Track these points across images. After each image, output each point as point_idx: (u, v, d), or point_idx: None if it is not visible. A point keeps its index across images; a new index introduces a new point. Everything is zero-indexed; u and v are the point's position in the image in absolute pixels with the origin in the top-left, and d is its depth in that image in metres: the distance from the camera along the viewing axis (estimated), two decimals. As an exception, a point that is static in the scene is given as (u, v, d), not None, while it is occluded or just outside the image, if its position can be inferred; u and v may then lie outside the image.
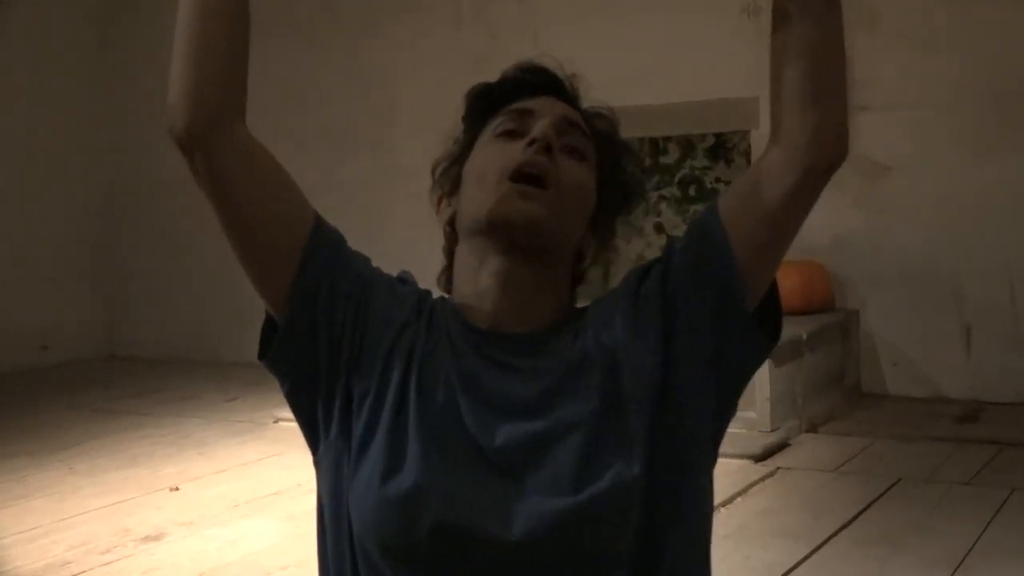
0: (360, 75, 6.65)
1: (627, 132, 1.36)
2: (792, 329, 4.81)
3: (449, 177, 1.30)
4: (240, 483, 4.16)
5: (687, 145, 6.23)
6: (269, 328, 1.21)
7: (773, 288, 1.18)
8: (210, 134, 1.14)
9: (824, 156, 1.14)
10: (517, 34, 6.13)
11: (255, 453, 4.51)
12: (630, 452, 1.10)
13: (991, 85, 5.19)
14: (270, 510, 3.78)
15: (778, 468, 4.17)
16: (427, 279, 1.32)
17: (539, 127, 1.22)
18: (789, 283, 5.22)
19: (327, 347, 1.17)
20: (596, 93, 1.33)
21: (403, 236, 5.24)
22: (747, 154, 5.90)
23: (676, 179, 6.22)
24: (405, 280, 1.26)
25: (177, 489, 4.10)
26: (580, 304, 1.26)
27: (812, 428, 4.74)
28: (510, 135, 1.23)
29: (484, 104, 1.29)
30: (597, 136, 1.28)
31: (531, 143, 1.20)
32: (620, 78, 5.88)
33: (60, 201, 7.23)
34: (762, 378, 4.50)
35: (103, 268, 7.46)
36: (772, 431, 4.51)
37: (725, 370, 1.15)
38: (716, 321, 1.14)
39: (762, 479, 4.01)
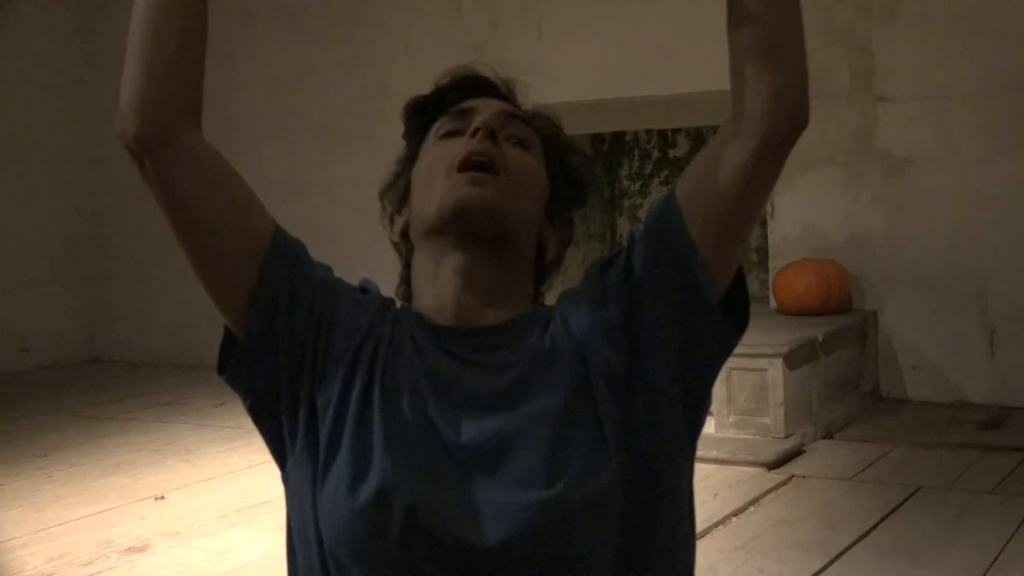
0: (352, 65, 6.66)
1: (635, 124, 1.39)
2: (807, 331, 4.81)
3: (397, 190, 1.34)
4: (228, 492, 4.16)
5: (697, 137, 6.23)
6: (228, 342, 1.22)
7: (739, 275, 1.20)
8: (159, 142, 1.14)
9: (782, 123, 1.14)
10: (520, 21, 6.13)
11: (244, 460, 4.52)
12: (603, 444, 1.12)
13: (1018, 74, 5.19)
14: (260, 520, 3.78)
15: (792, 476, 4.17)
16: None
17: (480, 117, 1.25)
18: (805, 283, 5.22)
19: (289, 359, 1.18)
20: (602, 82, 1.35)
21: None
22: (760, 147, 5.89)
23: (685, 173, 6.21)
24: (367, 289, 1.28)
25: (162, 498, 4.10)
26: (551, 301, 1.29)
27: (828, 434, 4.74)
28: (453, 134, 1.27)
29: (422, 116, 1.33)
30: (539, 132, 1.32)
31: (475, 133, 1.23)
32: (627, 67, 5.88)
33: (39, 199, 7.24)
34: (776, 382, 4.50)
35: (84, 268, 7.47)
36: (786, 437, 4.51)
37: (693, 362, 1.17)
38: (680, 313, 1.16)
39: (776, 488, 4.01)
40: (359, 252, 5.95)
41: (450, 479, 1.12)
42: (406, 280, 1.31)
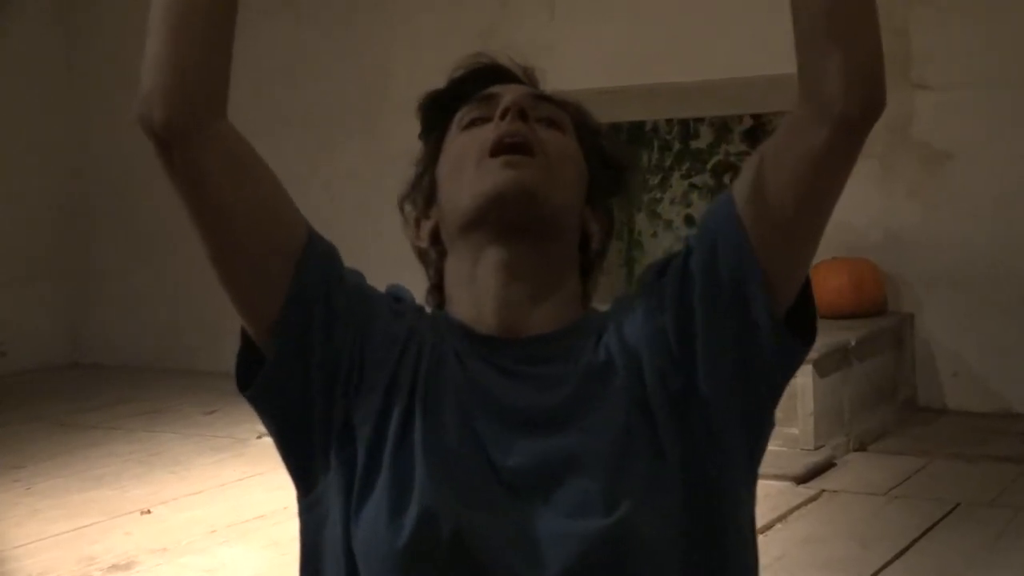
0: (350, 52, 6.66)
1: (655, 113, 1.39)
2: (839, 335, 4.80)
3: (421, 192, 1.30)
4: (219, 506, 4.16)
5: (722, 128, 6.22)
6: (248, 355, 1.18)
7: (806, 286, 1.16)
8: (194, 130, 1.10)
9: (855, 105, 1.09)
10: (530, 2, 6.13)
11: (235, 472, 4.52)
12: (663, 466, 1.10)
13: (1065, 61, 5.18)
14: (252, 536, 3.78)
15: (823, 491, 4.16)
16: (421, 284, 1.33)
17: (508, 97, 1.22)
18: (837, 283, 5.21)
19: (323, 375, 1.15)
20: (620, 68, 1.35)
21: (397, 226, 5.22)
22: (789, 138, 5.88)
23: (709, 166, 6.21)
24: (400, 296, 1.25)
25: (148, 512, 4.11)
26: (603, 307, 1.26)
27: (861, 446, 4.73)
28: (478, 121, 1.24)
29: (439, 111, 1.30)
30: (570, 114, 1.29)
31: (504, 114, 1.21)
32: (646, 53, 5.88)
33: (18, 193, 7.25)
34: (805, 390, 4.50)
35: (66, 265, 7.48)
36: (816, 449, 4.50)
37: (751, 381, 1.14)
38: (736, 329, 1.13)
39: (804, 503, 4.01)
40: (359, 253, 5.94)
41: (500, 505, 1.09)
42: (437, 287, 1.28)
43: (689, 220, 6.21)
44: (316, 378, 1.15)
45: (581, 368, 1.15)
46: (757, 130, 6.10)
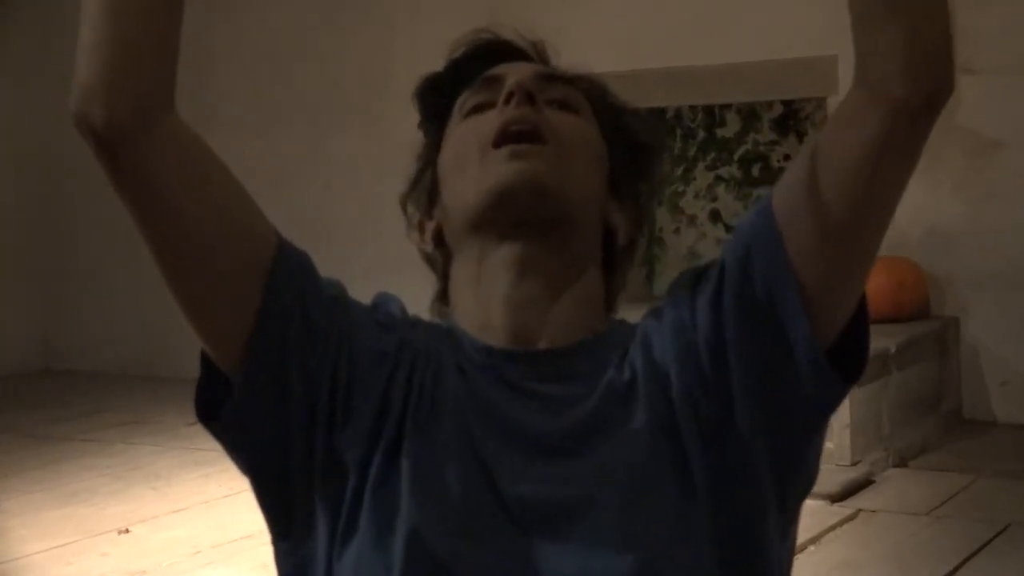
0: (347, 33, 6.66)
1: (677, 99, 1.36)
2: (878, 341, 4.77)
3: (423, 190, 1.25)
4: (202, 525, 4.17)
5: (750, 115, 6.21)
6: (210, 380, 1.13)
7: (860, 308, 1.10)
8: (140, 128, 1.04)
9: (919, 87, 1.03)
10: (541, -22, 6.13)
11: (221, 488, 4.52)
12: (692, 501, 1.06)
13: (1124, 42, 5.17)
14: (239, 558, 3.78)
15: (860, 510, 4.15)
16: (427, 284, 1.31)
17: (512, 79, 1.17)
18: (875, 284, 5.18)
19: (301, 402, 1.10)
20: (639, 50, 1.33)
21: (400, 227, 5.21)
22: (823, 126, 5.88)
23: (736, 156, 6.20)
24: (388, 307, 1.20)
25: (126, 532, 4.11)
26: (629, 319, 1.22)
27: (901, 462, 4.73)
28: (481, 108, 1.20)
29: (439, 97, 1.25)
30: (586, 93, 1.24)
31: (508, 98, 1.16)
32: (667, 33, 5.87)
33: (-15, 181, 7.26)
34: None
35: (38, 266, 7.49)
36: (852, 465, 4.50)
37: (786, 416, 1.09)
38: (772, 355, 1.07)
39: (840, 523, 4.00)
40: (357, 250, 5.98)
41: (500, 537, 1.05)
42: (443, 294, 1.23)
43: (714, 215, 6.21)
44: (293, 408, 1.10)
45: (602, 388, 1.10)
46: (788, 118, 6.10)
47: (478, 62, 1.25)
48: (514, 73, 1.20)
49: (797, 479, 1.13)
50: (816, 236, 1.06)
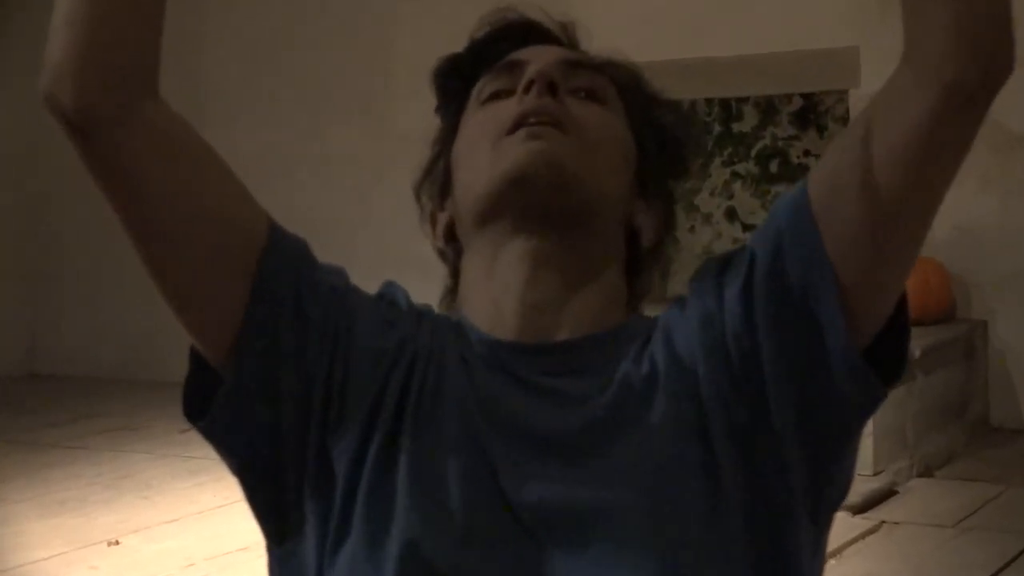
0: (347, 20, 6.66)
1: (691, 91, 1.32)
2: (901, 344, 4.79)
3: (436, 180, 1.23)
4: (196, 535, 4.17)
5: (768, 108, 6.21)
6: (199, 377, 1.12)
7: (900, 307, 1.07)
8: (115, 114, 1.01)
9: (973, 66, 0.98)
10: (550, -35, 6.13)
11: (215, 498, 4.51)
12: (723, 507, 1.02)
13: None
14: (234, 570, 3.78)
15: (883, 522, 4.15)
16: (433, 284, 1.30)
17: (534, 67, 1.15)
18: (898, 285, 5.20)
19: (293, 402, 1.08)
20: (652, 40, 1.30)
21: (402, 224, 5.24)
22: (844, 120, 5.87)
23: (753, 152, 6.20)
24: (394, 298, 1.17)
25: (117, 543, 4.12)
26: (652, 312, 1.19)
27: (926, 471, 4.72)
28: (499, 95, 1.17)
29: (457, 80, 1.22)
30: (616, 82, 1.21)
31: (528, 87, 1.13)
32: (681, 23, 5.87)
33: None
34: (862, 407, 4.48)
35: (22, 266, 7.49)
36: (875, 475, 4.49)
37: (819, 419, 1.06)
38: (799, 356, 1.05)
39: (862, 536, 4.00)
40: (355, 246, 5.96)
41: (509, 547, 1.02)
42: (453, 291, 1.21)
43: (730, 213, 6.21)
44: (286, 405, 1.08)
45: (617, 381, 1.07)
46: (808, 112, 6.09)
47: (501, 43, 1.21)
48: (537, 59, 1.17)
49: (831, 489, 1.10)
50: (858, 226, 1.03)
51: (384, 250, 5.73)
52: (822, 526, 1.10)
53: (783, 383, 1.04)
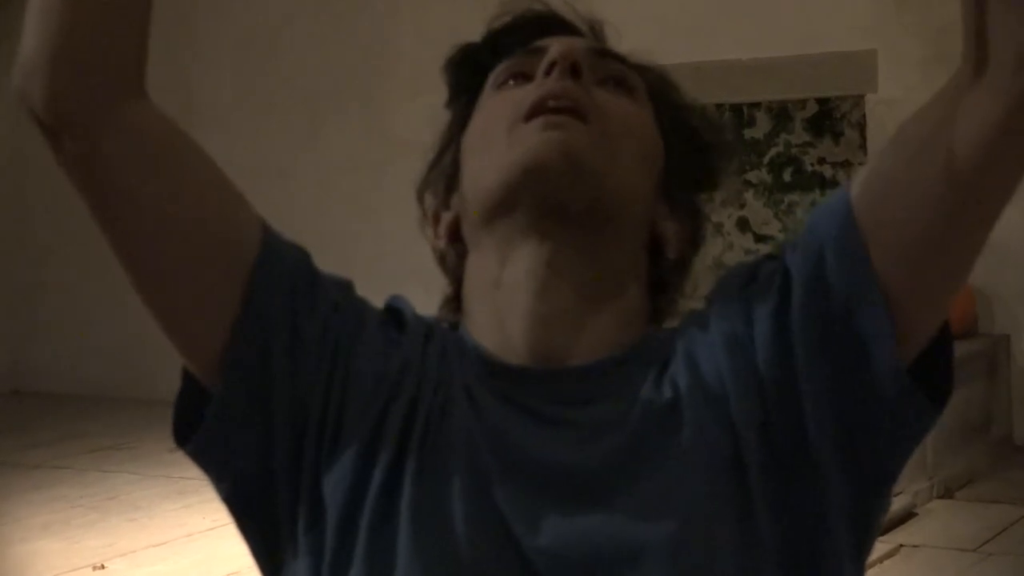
0: (345, 17, 6.67)
1: (702, 96, 1.27)
2: (921, 360, 4.78)
3: (442, 174, 1.16)
4: (185, 560, 4.18)
5: (781, 114, 6.22)
6: (190, 396, 1.08)
7: (944, 329, 1.02)
8: (92, 115, 0.97)
9: None
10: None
11: (204, 520, 4.50)
12: (757, 550, 0.98)
13: None
14: (224, 597, 3.79)
15: (901, 546, 4.14)
16: (434, 296, 1.28)
17: (556, 48, 1.09)
18: (917, 299, 5.20)
19: (287, 426, 1.03)
20: (662, 42, 1.28)
21: (401, 226, 5.25)
22: (860, 126, 5.88)
23: (766, 159, 6.20)
24: (401, 314, 1.12)
25: (102, 568, 4.11)
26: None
27: (947, 492, 4.72)
28: (517, 79, 1.11)
29: (472, 71, 1.16)
30: (645, 79, 1.16)
31: (549, 69, 1.07)
32: (692, 25, 5.88)
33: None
34: (880, 426, 4.49)
35: (5, 281, 7.49)
36: (894, 496, 4.48)
37: (859, 447, 1.01)
38: (842, 377, 1.00)
39: (880, 560, 3.99)
40: (351, 252, 5.95)
41: None
42: (454, 299, 1.14)
43: (742, 224, 6.21)
44: (278, 427, 1.03)
45: (637, 410, 1.02)
46: (823, 117, 6.09)
47: (521, 34, 1.15)
48: (560, 42, 1.10)
49: (876, 515, 1.05)
50: (911, 239, 0.99)
51: (383, 259, 5.73)
52: (860, 556, 1.05)
53: (822, 412, 1.00)
